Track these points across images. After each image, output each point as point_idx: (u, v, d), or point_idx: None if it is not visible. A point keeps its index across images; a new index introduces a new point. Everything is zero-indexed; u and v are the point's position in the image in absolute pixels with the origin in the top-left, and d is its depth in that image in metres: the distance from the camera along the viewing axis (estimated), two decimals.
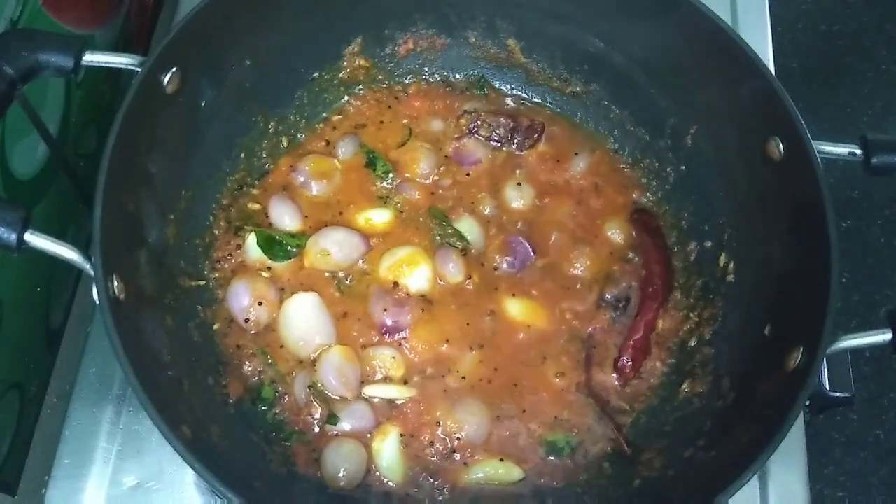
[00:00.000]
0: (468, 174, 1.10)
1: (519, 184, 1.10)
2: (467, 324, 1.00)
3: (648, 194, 1.10)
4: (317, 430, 0.95)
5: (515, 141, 1.12)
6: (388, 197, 1.08)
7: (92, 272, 0.77)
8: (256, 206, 1.06)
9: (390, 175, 1.09)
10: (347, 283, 1.02)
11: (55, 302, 1.10)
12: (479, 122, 1.12)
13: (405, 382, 0.97)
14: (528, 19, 1.10)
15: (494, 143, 1.12)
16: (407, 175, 1.09)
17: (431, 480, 0.94)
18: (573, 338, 1.01)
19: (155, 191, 0.93)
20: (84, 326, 1.04)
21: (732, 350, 0.96)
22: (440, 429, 0.95)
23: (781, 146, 0.90)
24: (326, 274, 1.02)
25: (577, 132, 1.14)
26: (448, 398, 0.97)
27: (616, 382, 0.99)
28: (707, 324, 1.00)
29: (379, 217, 1.06)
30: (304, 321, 0.99)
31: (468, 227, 1.06)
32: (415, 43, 1.14)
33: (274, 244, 1.03)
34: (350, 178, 1.09)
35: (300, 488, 0.92)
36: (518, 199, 1.09)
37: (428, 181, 1.09)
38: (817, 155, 0.86)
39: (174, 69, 0.89)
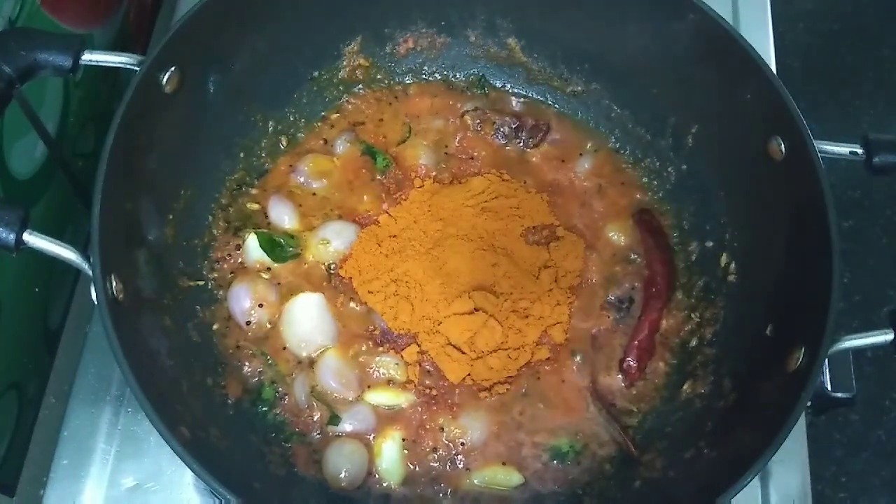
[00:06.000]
0: (471, 171, 1.10)
1: (524, 182, 1.09)
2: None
3: (650, 194, 1.10)
4: (317, 430, 0.95)
5: (520, 140, 1.12)
6: (387, 192, 1.07)
7: (90, 272, 0.77)
8: (255, 206, 1.06)
9: (391, 168, 1.08)
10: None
11: (54, 302, 1.09)
12: (484, 120, 1.12)
13: (408, 386, 0.97)
14: (528, 18, 1.10)
15: (499, 142, 1.12)
16: (408, 172, 1.09)
17: (432, 484, 0.93)
18: (578, 340, 1.01)
19: (153, 190, 0.93)
20: (82, 327, 1.04)
21: (734, 350, 0.96)
22: (444, 434, 0.95)
23: (783, 146, 0.90)
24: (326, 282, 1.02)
25: (579, 132, 1.14)
26: (451, 403, 0.96)
27: (622, 384, 0.99)
28: (708, 324, 1.00)
29: (378, 212, 1.06)
30: (309, 321, 0.99)
31: None
32: (415, 42, 1.14)
33: (275, 246, 1.02)
34: (348, 175, 1.08)
35: (299, 489, 0.91)
36: None
37: (428, 178, 1.09)
38: (819, 154, 0.86)
39: (173, 68, 0.89)
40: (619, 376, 0.99)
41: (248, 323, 0.99)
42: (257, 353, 0.98)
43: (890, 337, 0.80)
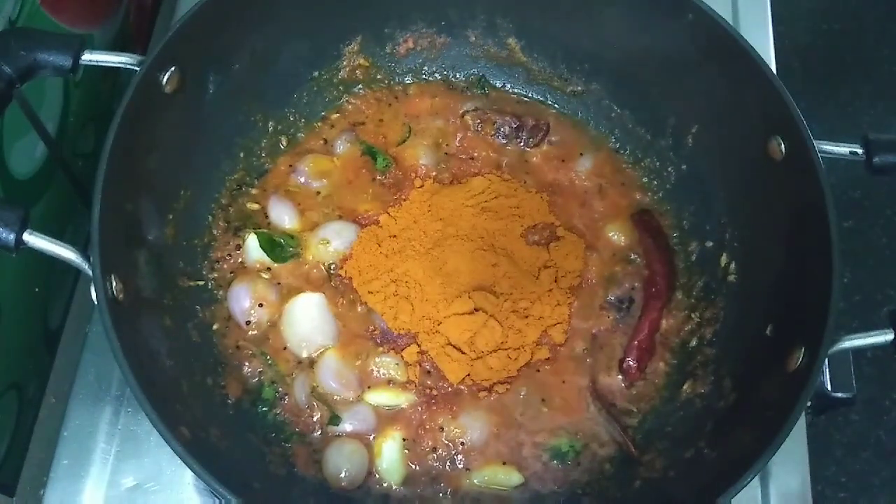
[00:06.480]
0: (471, 172, 1.10)
1: (524, 182, 1.09)
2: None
3: (650, 194, 1.10)
4: (317, 431, 0.95)
5: (520, 140, 1.12)
6: (387, 190, 1.07)
7: (90, 272, 0.77)
8: (255, 206, 1.05)
9: (391, 168, 1.08)
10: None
11: (54, 302, 1.09)
12: (484, 120, 1.12)
13: (408, 387, 0.97)
14: (528, 18, 1.10)
15: (499, 142, 1.12)
16: (408, 172, 1.09)
17: (432, 484, 0.93)
18: (578, 340, 1.01)
19: (153, 190, 0.93)
20: (83, 327, 1.04)
21: (734, 350, 0.96)
22: (444, 434, 0.95)
23: (783, 146, 0.90)
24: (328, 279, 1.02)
25: (580, 132, 1.13)
26: (451, 403, 0.96)
27: (622, 384, 0.99)
28: (708, 324, 1.00)
29: (378, 212, 1.06)
30: (309, 321, 0.99)
31: None
32: (415, 42, 1.14)
33: (275, 246, 1.02)
34: (348, 175, 1.08)
35: (299, 489, 0.91)
36: None
37: (428, 178, 1.09)
38: (819, 154, 0.85)
39: (173, 68, 0.89)
40: (619, 376, 0.99)
41: (248, 323, 0.99)
42: (257, 353, 0.98)
43: (890, 337, 0.80)
